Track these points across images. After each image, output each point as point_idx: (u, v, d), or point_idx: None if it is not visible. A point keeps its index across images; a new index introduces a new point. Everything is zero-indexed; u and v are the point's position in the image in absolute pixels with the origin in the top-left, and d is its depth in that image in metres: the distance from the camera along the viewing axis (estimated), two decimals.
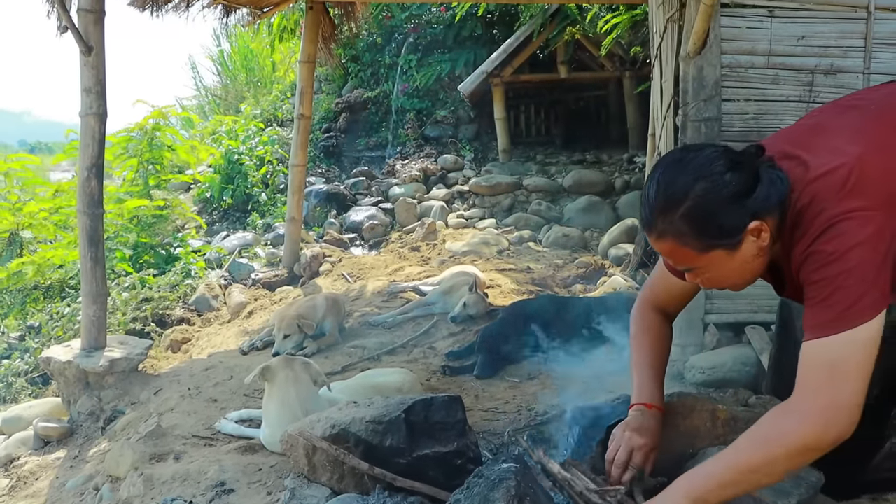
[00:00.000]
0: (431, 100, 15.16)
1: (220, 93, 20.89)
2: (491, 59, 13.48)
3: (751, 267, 2.25)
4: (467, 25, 14.91)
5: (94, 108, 5.30)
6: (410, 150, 14.28)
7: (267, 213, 11.92)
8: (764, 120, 4.92)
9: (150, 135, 10.81)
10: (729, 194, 2.13)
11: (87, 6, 5.23)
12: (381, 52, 15.66)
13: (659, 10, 7.32)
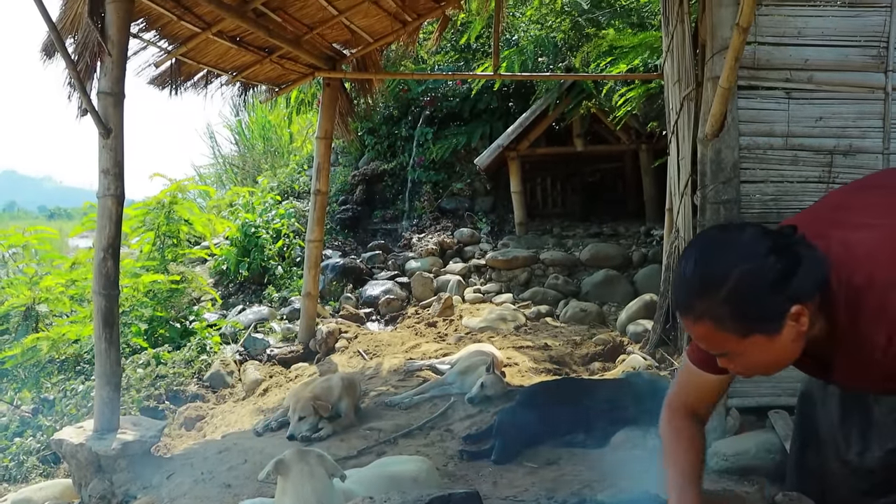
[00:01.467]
0: (448, 172, 15.22)
1: (238, 162, 21.07)
2: (507, 132, 13.55)
3: (788, 352, 2.16)
4: (483, 98, 15.02)
5: (112, 190, 5.32)
6: (427, 222, 14.30)
7: (283, 286, 11.90)
8: (783, 201, 4.88)
9: (168, 208, 10.85)
10: (773, 278, 2.06)
11: (107, 89, 5.28)
12: (397, 125, 15.79)
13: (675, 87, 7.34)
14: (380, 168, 15.49)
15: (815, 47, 4.85)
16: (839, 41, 4.86)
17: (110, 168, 5.31)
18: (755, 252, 2.08)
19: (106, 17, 5.31)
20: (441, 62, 15.98)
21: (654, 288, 9.59)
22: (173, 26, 6.66)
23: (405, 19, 8.50)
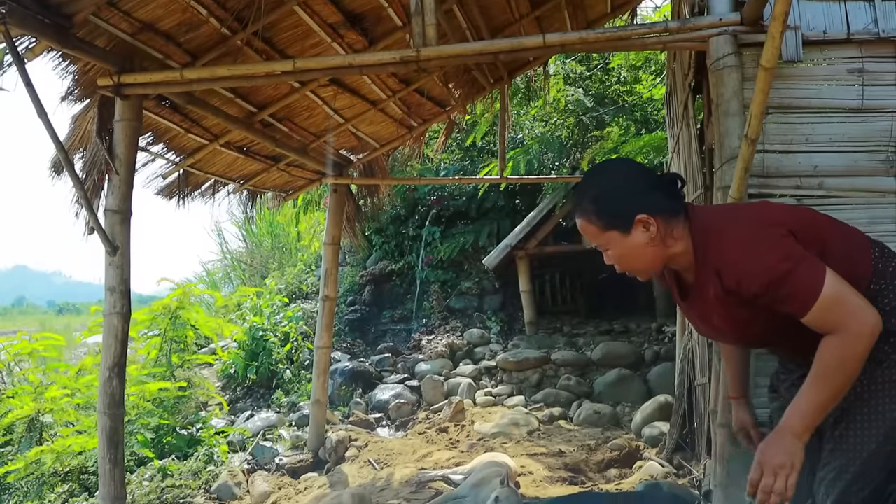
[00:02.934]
0: (456, 271, 15.19)
1: (246, 258, 21.11)
2: (515, 232, 13.55)
3: (646, 255, 2.93)
4: (490, 197, 15.09)
5: (118, 308, 5.26)
6: (436, 322, 14.19)
7: (292, 390, 11.75)
8: None
9: (174, 313, 10.79)
10: (629, 191, 2.89)
11: (115, 207, 5.26)
12: (405, 224, 15.83)
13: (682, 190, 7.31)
14: (388, 268, 15.47)
15: (824, 153, 4.83)
16: (848, 147, 4.83)
17: (116, 286, 5.26)
18: (625, 174, 2.97)
19: (114, 135, 5.33)
20: (447, 160, 16.12)
21: (668, 387, 9.41)
22: (181, 139, 6.69)
23: (411, 124, 8.57)
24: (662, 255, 2.95)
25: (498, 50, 4.56)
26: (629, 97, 13.93)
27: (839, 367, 2.66)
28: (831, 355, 2.67)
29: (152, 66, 5.40)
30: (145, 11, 5.08)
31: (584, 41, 4.53)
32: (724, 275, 2.81)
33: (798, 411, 2.71)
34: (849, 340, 2.65)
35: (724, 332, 3.19)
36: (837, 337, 2.66)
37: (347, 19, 6.02)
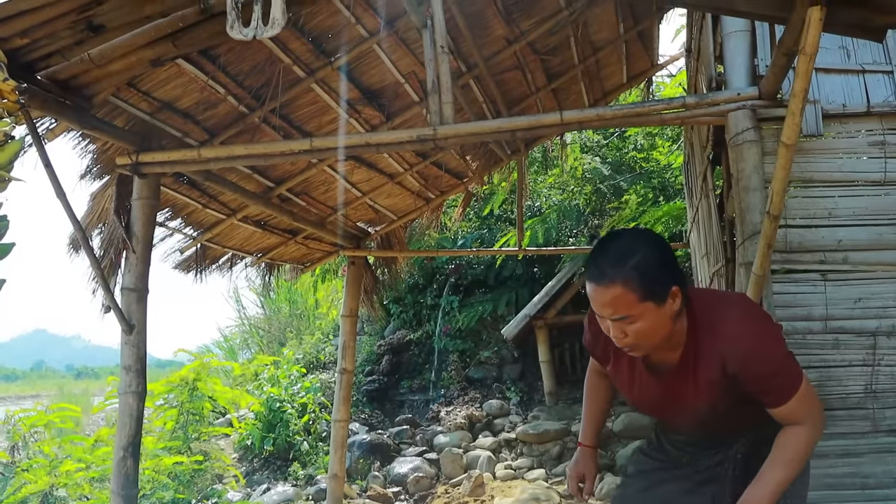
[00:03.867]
0: (474, 340, 15.08)
1: (264, 325, 21.07)
2: (533, 302, 13.46)
3: (665, 326, 2.84)
4: (508, 265, 15.03)
5: (133, 387, 5.19)
6: (454, 393, 14.04)
7: (309, 462, 11.61)
8: (827, 387, 4.68)
9: (191, 385, 10.73)
10: (665, 261, 2.82)
11: (131, 285, 5.23)
12: (422, 293, 15.77)
13: (703, 260, 7.25)
14: (406, 337, 15.39)
15: (847, 227, 4.77)
16: (871, 220, 4.77)
17: (132, 364, 5.20)
18: (662, 243, 2.90)
19: (132, 214, 5.32)
20: (465, 228, 16.12)
21: None
22: (199, 214, 6.69)
23: (428, 196, 8.56)
24: (671, 330, 2.90)
25: (515, 128, 4.54)
26: (646, 164, 13.93)
27: (805, 453, 2.88)
28: (799, 442, 2.87)
29: (170, 143, 5.42)
30: (164, 91, 5.11)
31: (601, 118, 4.51)
32: (730, 358, 2.85)
33: (766, 493, 2.84)
34: (814, 431, 2.90)
35: (687, 412, 3.17)
36: (804, 427, 2.88)
37: (364, 95, 6.05)
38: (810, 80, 3.64)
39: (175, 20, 4.17)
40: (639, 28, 7.33)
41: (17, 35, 3.90)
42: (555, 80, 7.40)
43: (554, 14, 6.29)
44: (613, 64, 7.95)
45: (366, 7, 5.18)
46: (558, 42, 6.78)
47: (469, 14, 5.69)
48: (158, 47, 4.34)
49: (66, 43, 4.10)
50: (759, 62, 5.05)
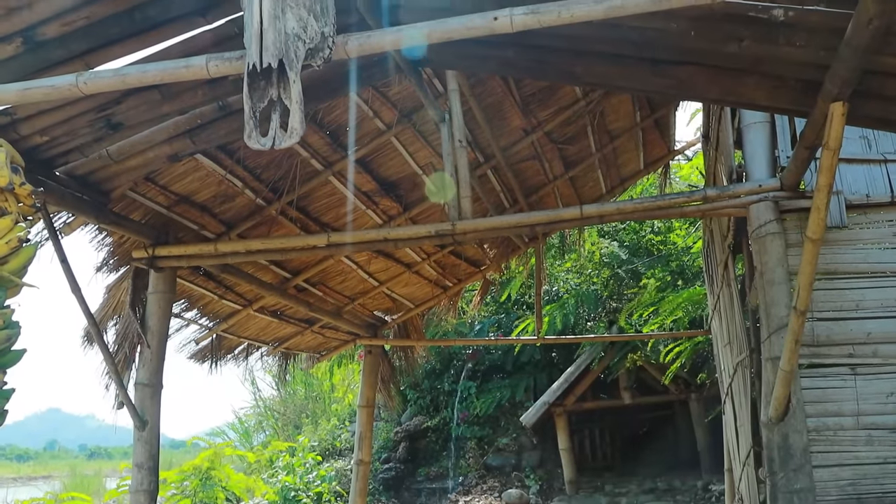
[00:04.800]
0: (492, 427, 14.86)
1: (279, 407, 20.86)
2: (552, 389, 13.30)
3: None
4: (526, 350, 14.89)
5: (145, 485, 5.07)
6: (472, 481, 13.80)
7: None
8: (862, 485, 4.51)
9: (205, 474, 10.57)
10: None
11: (145, 380, 5.16)
12: (439, 379, 15.61)
13: (725, 349, 7.12)
14: (423, 424, 15.19)
15: (876, 320, 4.65)
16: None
17: (144, 462, 5.09)
18: None
19: (147, 307, 5.28)
20: (482, 312, 16.01)
21: None
22: (215, 305, 6.65)
23: (446, 285, 8.51)
24: None
25: (534, 222, 4.51)
26: (664, 247, 13.87)
27: None
28: None
29: (187, 236, 5.40)
30: (182, 185, 5.11)
31: (621, 212, 4.47)
32: None
33: None
34: None
35: None
36: None
37: (382, 187, 6.05)
38: (834, 174, 3.59)
39: (193, 117, 4.19)
40: (655, 116, 7.34)
41: (37, 133, 3.92)
42: (572, 169, 7.39)
43: (571, 104, 6.31)
44: (630, 151, 7.95)
45: (383, 101, 5.20)
46: (575, 131, 6.79)
47: (486, 105, 5.71)
48: (176, 143, 4.36)
49: (84, 140, 4.11)
50: (779, 153, 5.01)
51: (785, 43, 3.16)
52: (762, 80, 3.54)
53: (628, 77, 3.67)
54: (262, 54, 2.20)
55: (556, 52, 3.49)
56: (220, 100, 4.04)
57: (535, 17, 2.36)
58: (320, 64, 2.43)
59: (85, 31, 3.29)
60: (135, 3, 3.19)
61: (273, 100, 2.27)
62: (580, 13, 2.36)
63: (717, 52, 3.33)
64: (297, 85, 2.25)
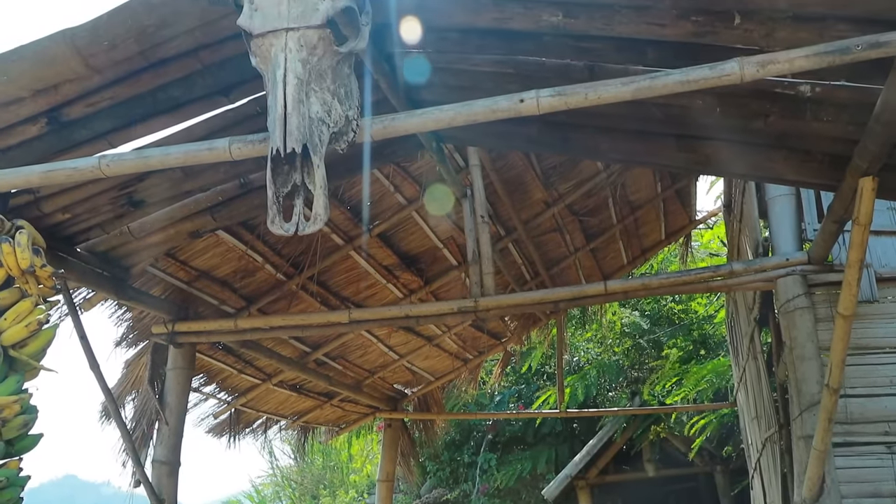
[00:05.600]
0: (513, 500, 14.58)
1: (296, 476, 20.60)
2: (574, 461, 13.06)
3: None
4: (547, 422, 14.65)
5: None
6: None
7: None
8: None
9: None
10: None
11: (163, 458, 5.08)
12: (459, 451, 15.36)
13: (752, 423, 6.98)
14: (443, 497, 14.93)
15: None
16: None
17: None
18: None
19: (166, 383, 5.24)
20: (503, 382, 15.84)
21: None
22: (234, 379, 6.61)
23: (466, 357, 8.42)
24: None
25: (558, 299, 4.46)
26: (685, 316, 13.74)
27: None
28: None
29: (206, 310, 5.37)
30: (202, 260, 5.11)
31: (646, 287, 4.41)
32: None
33: None
34: None
35: None
36: None
37: (402, 261, 6.02)
38: (866, 249, 3.51)
39: (215, 195, 4.19)
40: (676, 186, 7.31)
41: (60, 210, 3.91)
42: (593, 240, 7.34)
43: (592, 176, 6.29)
44: (652, 221, 7.90)
45: (404, 176, 5.20)
46: (597, 203, 6.77)
47: (507, 179, 5.70)
48: (198, 220, 4.36)
49: (106, 217, 4.12)
50: (805, 225, 4.95)
51: (812, 118, 3.13)
52: (789, 154, 3.50)
53: (653, 153, 3.64)
54: (286, 139, 2.17)
55: (579, 129, 3.47)
56: (241, 177, 4.04)
57: (562, 99, 2.33)
58: (344, 148, 2.41)
59: (109, 112, 3.30)
60: (158, 84, 3.20)
61: (297, 185, 2.24)
62: (608, 95, 2.33)
63: (744, 127, 3.30)
64: (322, 170, 2.22)
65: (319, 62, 2.32)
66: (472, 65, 3.09)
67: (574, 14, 2.68)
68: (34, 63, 2.97)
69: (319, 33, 2.31)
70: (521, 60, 3.02)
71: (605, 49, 2.88)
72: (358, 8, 2.41)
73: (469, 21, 2.85)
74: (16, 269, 3.08)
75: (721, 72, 2.37)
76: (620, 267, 8.26)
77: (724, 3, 2.54)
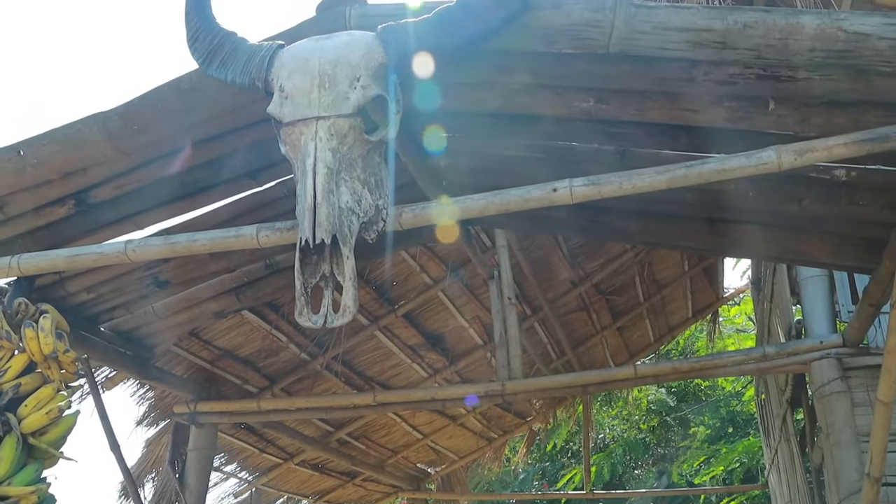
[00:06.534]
0: None
1: None
2: None
3: None
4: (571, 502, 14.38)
5: None
6: None
7: None
8: None
9: None
10: None
11: None
12: None
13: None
14: None
15: None
16: None
17: None
18: None
19: (186, 463, 5.16)
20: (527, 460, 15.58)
21: None
22: (255, 458, 6.53)
23: (491, 436, 8.29)
24: None
25: (587, 382, 4.37)
26: (712, 392, 13.56)
27: None
28: None
29: (229, 390, 5.32)
30: (226, 339, 5.08)
31: (677, 371, 4.31)
32: None
33: None
34: None
35: None
36: None
37: (427, 340, 5.97)
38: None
39: (240, 275, 4.17)
40: (704, 265, 7.24)
41: (85, 290, 3.89)
42: (620, 319, 7.27)
43: (619, 255, 6.25)
44: (678, 299, 7.82)
45: (430, 256, 5.17)
46: (623, 282, 6.71)
47: (534, 259, 5.66)
48: (223, 300, 4.33)
49: (131, 297, 4.09)
50: (839, 307, 4.85)
51: (847, 202, 3.07)
52: (823, 238, 3.45)
53: (684, 236, 3.59)
54: (316, 230, 2.13)
55: (609, 212, 3.43)
56: (267, 258, 4.02)
57: (596, 188, 2.29)
58: (374, 237, 2.37)
59: (136, 194, 3.30)
60: (185, 167, 3.19)
61: (325, 275, 2.19)
62: (642, 184, 2.29)
63: (777, 210, 3.24)
64: (351, 261, 2.18)
65: (350, 151, 2.29)
66: (502, 149, 3.07)
67: (606, 100, 2.66)
68: (65, 146, 2.98)
69: (350, 122, 2.28)
70: (550, 145, 2.99)
71: (637, 134, 2.85)
72: (389, 96, 2.39)
73: (499, 107, 2.83)
74: (38, 354, 3.04)
75: (758, 160, 2.32)
76: (647, 345, 8.16)
77: (758, 90, 2.50)
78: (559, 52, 2.45)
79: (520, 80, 2.67)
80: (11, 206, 3.17)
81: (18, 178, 3.05)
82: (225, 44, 2.57)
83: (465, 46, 2.38)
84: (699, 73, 2.45)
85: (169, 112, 2.89)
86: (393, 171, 2.56)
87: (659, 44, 2.35)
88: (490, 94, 2.77)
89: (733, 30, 2.28)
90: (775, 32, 2.25)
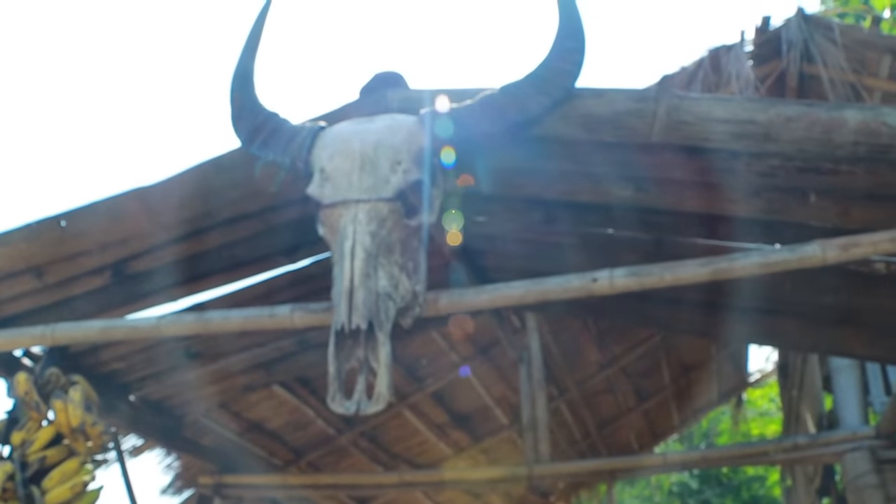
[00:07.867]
0: None
1: None
2: None
3: None
4: None
5: None
6: None
7: None
8: None
9: None
10: None
11: None
12: None
13: None
14: None
15: None
16: None
17: None
18: None
19: None
20: None
21: None
22: None
23: None
24: None
25: (615, 468, 4.31)
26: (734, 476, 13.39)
27: None
28: None
29: (254, 461, 5.27)
30: (254, 412, 5.05)
31: (706, 459, 4.28)
32: None
33: None
34: None
35: None
36: None
37: (453, 419, 5.91)
38: None
39: (271, 350, 4.16)
40: (731, 349, 7.19)
41: (117, 359, 3.90)
42: (645, 401, 7.20)
43: (647, 339, 6.21)
44: (704, 382, 7.74)
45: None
46: (650, 365, 6.66)
47: (563, 340, 5.62)
48: (252, 375, 4.33)
49: (162, 368, 4.09)
50: (871, 398, 4.78)
51: (886, 295, 3.05)
52: (859, 329, 3.41)
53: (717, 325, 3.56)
54: (352, 315, 2.10)
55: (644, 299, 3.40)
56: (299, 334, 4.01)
57: (637, 279, 2.27)
58: (410, 323, 2.35)
59: (172, 267, 3.31)
60: (222, 242, 3.22)
61: (360, 361, 2.17)
62: (685, 276, 2.27)
63: (813, 301, 3.22)
64: (387, 347, 2.15)
65: (389, 235, 2.28)
66: (538, 234, 3.07)
67: (645, 188, 2.67)
68: (105, 218, 3.01)
69: (390, 206, 2.28)
70: (587, 232, 2.99)
71: (675, 223, 2.85)
72: (429, 181, 2.39)
73: (537, 193, 2.84)
74: (66, 426, 3.04)
75: (802, 254, 2.30)
76: (672, 427, 8.06)
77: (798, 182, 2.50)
78: (600, 140, 2.46)
79: (559, 166, 2.68)
80: (49, 275, 3.19)
81: (58, 248, 3.09)
82: (268, 123, 2.60)
83: (506, 133, 2.39)
84: (740, 165, 2.45)
85: (208, 189, 2.91)
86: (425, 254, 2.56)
87: (701, 134, 2.35)
88: (529, 179, 2.78)
89: (776, 122, 2.28)
90: (818, 126, 2.25)
